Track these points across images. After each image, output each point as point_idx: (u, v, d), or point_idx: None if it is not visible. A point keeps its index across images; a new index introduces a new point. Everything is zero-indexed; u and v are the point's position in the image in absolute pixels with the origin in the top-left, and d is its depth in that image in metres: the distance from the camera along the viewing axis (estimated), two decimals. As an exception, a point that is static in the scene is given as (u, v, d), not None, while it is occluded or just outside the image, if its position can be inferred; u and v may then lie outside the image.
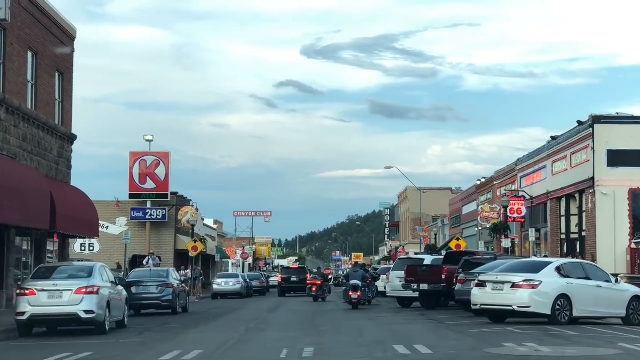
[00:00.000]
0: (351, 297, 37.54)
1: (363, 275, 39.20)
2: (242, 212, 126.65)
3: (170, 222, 64.43)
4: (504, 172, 57.46)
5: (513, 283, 24.03)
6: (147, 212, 63.45)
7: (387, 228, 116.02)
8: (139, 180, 63.79)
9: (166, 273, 34.75)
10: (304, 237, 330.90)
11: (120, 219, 64.61)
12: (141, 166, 63.87)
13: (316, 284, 49.00)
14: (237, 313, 35.63)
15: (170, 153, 64.78)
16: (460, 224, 72.16)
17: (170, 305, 33.61)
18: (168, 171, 64.03)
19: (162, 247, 64.44)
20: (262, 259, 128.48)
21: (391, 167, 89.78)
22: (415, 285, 34.99)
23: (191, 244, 57.38)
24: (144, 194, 63.71)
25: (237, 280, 58.36)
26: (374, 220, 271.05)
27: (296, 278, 60.02)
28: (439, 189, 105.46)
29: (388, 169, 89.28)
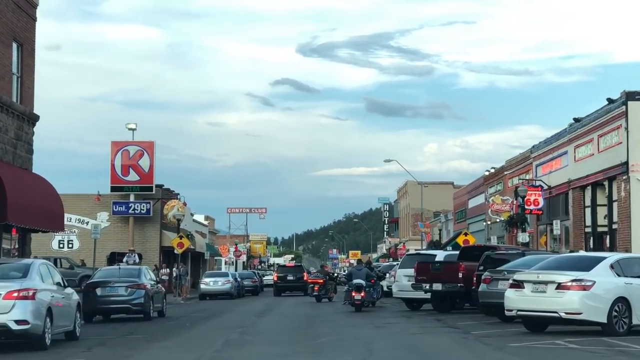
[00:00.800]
0: (354, 298, 32.65)
1: (367, 273, 34.26)
2: (236, 208, 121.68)
3: (155, 217, 59.29)
4: (516, 160, 52.38)
5: (559, 283, 18.97)
6: (130, 206, 58.29)
7: (386, 224, 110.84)
8: (121, 172, 58.63)
9: (137, 272, 29.61)
10: (301, 235, 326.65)
11: (102, 214, 59.43)
12: (123, 157, 58.71)
13: (318, 283, 44.23)
14: (221, 318, 30.56)
15: (154, 142, 59.65)
16: (466, 218, 67.13)
17: (142, 310, 28.54)
18: (153, 162, 58.87)
19: (146, 243, 59.28)
20: (257, 257, 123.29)
21: (390, 160, 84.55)
22: (427, 285, 29.94)
23: (176, 240, 52.26)
24: (127, 187, 58.53)
25: (226, 279, 53.26)
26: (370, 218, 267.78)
27: (292, 277, 57.07)
28: (440, 184, 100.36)
29: (387, 162, 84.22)
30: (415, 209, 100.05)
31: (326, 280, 45.31)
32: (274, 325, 25.77)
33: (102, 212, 59.39)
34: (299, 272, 59.03)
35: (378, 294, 35.75)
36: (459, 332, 20.74)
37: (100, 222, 58.89)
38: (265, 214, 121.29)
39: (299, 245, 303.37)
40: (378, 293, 35.76)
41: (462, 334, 20.34)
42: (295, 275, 57.63)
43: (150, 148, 59.14)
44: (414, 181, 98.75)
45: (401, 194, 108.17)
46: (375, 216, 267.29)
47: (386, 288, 40.27)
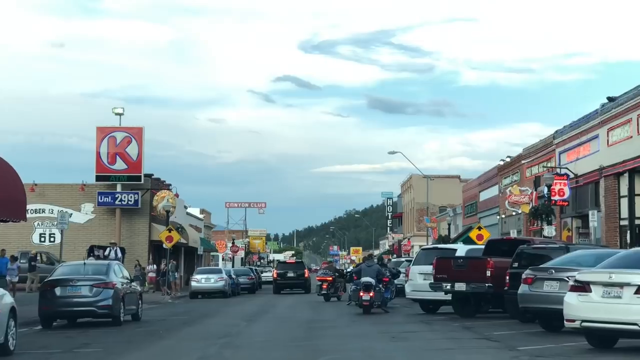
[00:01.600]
0: (361, 298, 28.01)
1: (378, 271, 29.50)
2: (235, 203, 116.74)
3: (144, 209, 54.48)
4: (535, 148, 47.49)
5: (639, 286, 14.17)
6: (116, 196, 53.48)
7: (390, 220, 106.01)
8: (108, 160, 53.82)
9: (106, 268, 24.68)
10: (301, 231, 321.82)
11: (86, 205, 54.63)
12: (110, 144, 53.90)
13: (327, 281, 39.96)
14: (205, 322, 25.74)
15: (143, 128, 54.71)
16: (477, 212, 62.28)
17: (110, 313, 23.70)
18: (141, 149, 54.03)
19: (134, 237, 54.51)
20: (256, 253, 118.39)
21: (395, 152, 79.51)
22: (448, 284, 25.10)
23: (165, 233, 47.41)
24: (113, 176, 53.71)
25: (219, 276, 48.39)
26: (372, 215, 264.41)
27: (293, 273, 54.15)
28: (447, 177, 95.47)
29: (392, 154, 79.05)
30: (420, 203, 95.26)
31: (335, 277, 40.70)
32: (265, 333, 20.93)
33: (86, 203, 54.61)
34: (299, 268, 55.56)
35: (392, 294, 31.08)
36: (502, 348, 15.87)
37: (84, 214, 54.21)
38: (265, 208, 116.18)
39: (299, 241, 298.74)
40: (392, 293, 31.09)
41: (507, 350, 15.49)
42: (295, 272, 54.36)
43: (139, 134, 54.30)
44: (419, 175, 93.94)
45: (405, 189, 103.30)
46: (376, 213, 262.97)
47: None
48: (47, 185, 55.25)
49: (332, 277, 40.95)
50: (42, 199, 54.28)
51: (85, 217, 54.39)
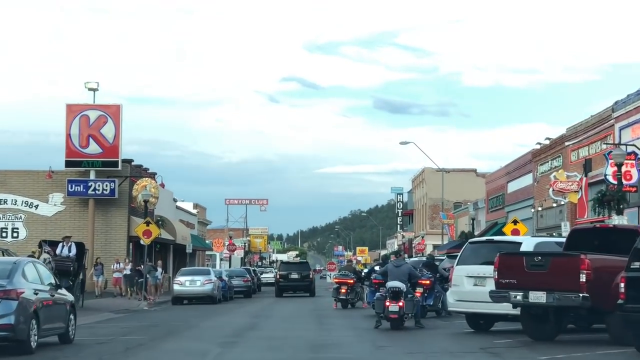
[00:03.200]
0: (388, 309, 20.07)
1: (410, 272, 21.39)
2: (235, 199, 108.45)
3: (122, 199, 46.16)
4: (586, 124, 39.02)
5: None
6: (89, 185, 45.15)
7: (400, 217, 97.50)
8: (79, 142, 45.48)
9: (9, 270, 16.22)
10: (306, 232, 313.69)
11: (54, 195, 46.26)
12: (82, 124, 45.56)
13: (347, 284, 32.40)
14: (160, 347, 17.40)
15: (121, 106, 46.30)
16: (504, 205, 53.82)
17: (13, 336, 15.32)
18: (119, 131, 45.69)
19: (111, 232, 46.18)
20: (257, 252, 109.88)
21: (407, 142, 71.15)
22: (518, 293, 16.68)
23: (142, 227, 39.06)
24: (86, 162, 45.37)
25: (206, 278, 39.95)
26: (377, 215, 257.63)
27: (297, 275, 48.50)
28: (462, 171, 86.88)
29: (404, 144, 70.67)
30: (434, 199, 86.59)
31: (356, 280, 32.72)
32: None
33: (55, 192, 46.27)
34: (304, 269, 49.64)
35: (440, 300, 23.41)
36: None
37: (53, 205, 45.87)
38: (267, 205, 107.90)
39: (303, 242, 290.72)
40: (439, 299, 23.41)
41: None
42: (300, 273, 48.48)
43: (116, 113, 45.96)
44: (432, 168, 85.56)
45: (416, 184, 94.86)
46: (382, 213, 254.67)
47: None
48: (8, 172, 47.02)
49: (352, 279, 32.90)
50: (3, 187, 46.05)
51: (54, 209, 46.07)
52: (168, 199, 57.13)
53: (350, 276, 33.41)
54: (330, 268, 72.74)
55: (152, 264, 38.75)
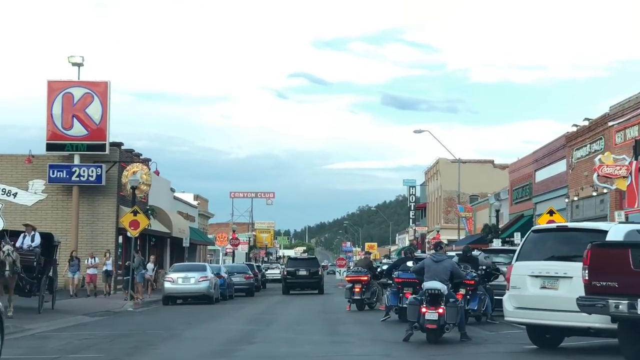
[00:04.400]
0: (425, 317, 15.52)
1: (453, 270, 16.33)
2: (240, 193, 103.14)
3: (109, 187, 41.12)
4: (635, 100, 33.68)
5: None
6: (73, 171, 40.11)
7: (412, 210, 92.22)
8: (62, 123, 40.44)
9: None
10: (313, 227, 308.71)
11: (35, 182, 41.21)
12: (65, 103, 40.51)
13: (361, 282, 27.55)
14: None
15: (109, 83, 41.13)
16: (532, 195, 48.50)
17: None
18: (107, 111, 40.62)
19: (98, 223, 41.14)
20: (263, 247, 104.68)
21: (422, 130, 66.04)
22: (621, 301, 11.46)
23: (128, 217, 34.01)
24: (69, 145, 40.34)
25: (202, 274, 34.81)
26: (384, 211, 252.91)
27: (305, 271, 45.64)
28: (478, 162, 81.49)
29: (418, 132, 65.64)
30: (449, 191, 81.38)
31: (371, 277, 27.69)
32: None
33: (35, 179, 41.19)
34: (313, 265, 46.75)
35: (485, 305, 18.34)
36: None
37: (33, 192, 40.81)
38: (273, 199, 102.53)
39: (311, 238, 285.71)
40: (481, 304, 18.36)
41: None
42: (308, 270, 45.64)
43: (104, 91, 40.86)
44: (447, 159, 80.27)
45: (430, 176, 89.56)
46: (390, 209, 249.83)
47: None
48: (-19, 156, 42.08)
49: (367, 276, 27.80)
50: (-22, 173, 41.12)
51: (34, 198, 41.02)
52: (164, 188, 52.07)
53: (363, 272, 28.30)
54: (340, 264, 67.42)
55: (142, 259, 33.58)
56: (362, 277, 28.07)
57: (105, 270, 34.78)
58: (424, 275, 16.83)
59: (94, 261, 34.79)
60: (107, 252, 36.24)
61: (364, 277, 28.05)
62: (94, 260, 34.89)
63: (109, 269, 34.82)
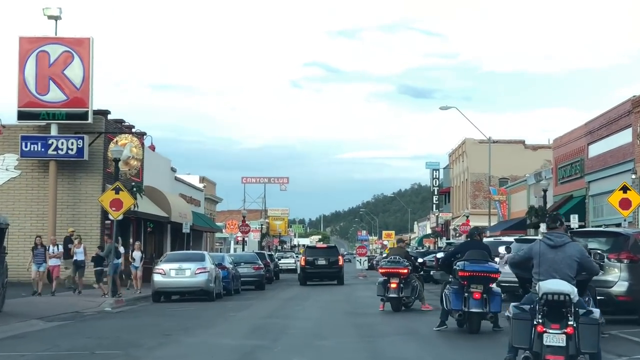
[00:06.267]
0: (545, 340, 8.77)
1: (581, 259, 9.51)
2: (252, 178, 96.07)
3: (93, 163, 34.48)
4: None
5: None
6: (50, 143, 33.46)
7: (436, 195, 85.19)
8: (36, 87, 33.76)
9: None
10: (328, 216, 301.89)
11: (6, 157, 34.60)
12: (40, 63, 33.82)
13: (399, 275, 21.12)
14: None
15: (92, 40, 34.35)
16: (584, 173, 41.57)
17: None
18: (89, 72, 33.89)
19: (79, 204, 34.54)
20: (277, 235, 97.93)
21: (448, 107, 59.14)
22: None
23: (109, 195, 27.22)
24: (45, 112, 33.66)
25: (199, 265, 27.99)
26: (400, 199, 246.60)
27: (324, 261, 42.24)
28: (508, 142, 74.21)
29: (444, 109, 58.82)
30: (476, 174, 74.44)
31: (410, 269, 21.08)
32: None
33: (7, 153, 34.59)
34: (332, 254, 43.11)
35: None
36: None
37: (4, 169, 34.21)
38: (287, 184, 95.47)
39: (326, 226, 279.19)
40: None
41: None
42: (327, 259, 42.18)
43: (85, 49, 34.10)
44: (474, 140, 73.24)
45: (455, 158, 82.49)
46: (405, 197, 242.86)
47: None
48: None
49: (407, 268, 21.15)
50: (-62, 146, 34.58)
51: (6, 175, 34.41)
52: (163, 167, 45.38)
53: (403, 264, 21.59)
54: (360, 252, 60.74)
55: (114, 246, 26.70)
56: (400, 270, 21.38)
57: (75, 260, 27.78)
58: (528, 270, 10.05)
59: (56, 250, 27.78)
60: (77, 237, 29.22)
61: (403, 270, 21.37)
62: (57, 248, 27.84)
63: (79, 259, 27.83)
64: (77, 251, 27.64)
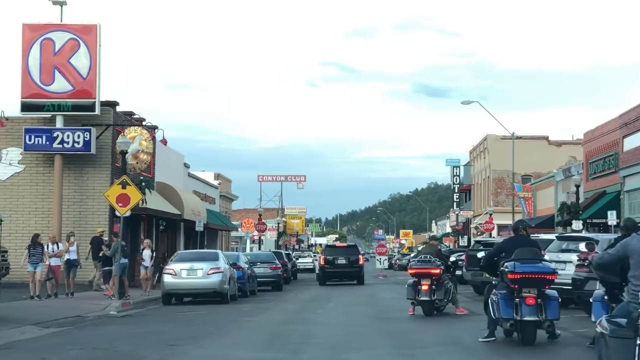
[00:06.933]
0: None
1: None
2: (269, 176, 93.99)
3: (101, 157, 32.46)
4: None
5: None
6: (55, 136, 31.43)
7: (456, 193, 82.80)
8: (41, 77, 31.71)
9: None
10: (345, 215, 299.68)
11: (10, 151, 32.59)
12: (45, 51, 31.78)
13: (432, 275, 19.12)
14: None
15: (99, 26, 32.25)
16: (619, 168, 39.14)
17: None
18: (96, 61, 31.82)
19: (87, 201, 32.52)
20: (294, 234, 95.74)
21: (470, 101, 56.88)
22: None
23: (115, 190, 25.20)
24: (50, 104, 31.62)
25: (212, 265, 25.85)
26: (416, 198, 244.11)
27: (345, 260, 40.86)
28: (531, 138, 71.73)
29: (466, 103, 56.59)
30: (499, 171, 72.06)
31: (443, 270, 19.17)
32: None
33: (10, 147, 32.59)
34: (352, 253, 41.60)
35: None
36: None
37: (7, 163, 32.22)
38: (304, 182, 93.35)
39: (343, 225, 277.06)
40: None
41: None
42: (348, 258, 40.77)
43: (92, 36, 32.03)
44: (496, 136, 70.90)
45: (475, 155, 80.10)
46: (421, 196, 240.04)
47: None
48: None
49: (440, 269, 19.02)
50: (-62, 140, 32.61)
51: (9, 170, 32.39)
52: (176, 163, 43.33)
53: (435, 264, 19.41)
54: (380, 251, 58.59)
55: (121, 245, 24.58)
56: (432, 270, 19.22)
57: (68, 260, 25.47)
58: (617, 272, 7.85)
59: (55, 248, 25.49)
60: (69, 235, 26.95)
61: (435, 270, 19.22)
62: (55, 247, 25.53)
63: (71, 258, 25.53)
64: (70, 249, 25.26)
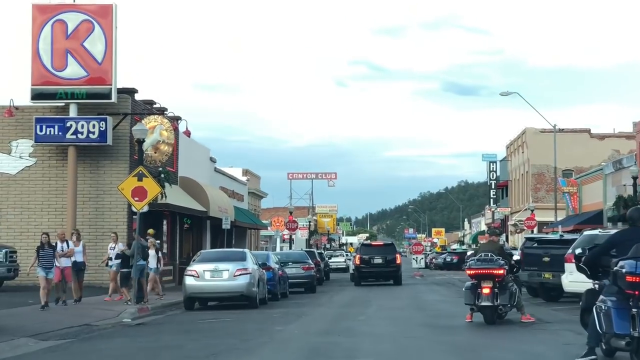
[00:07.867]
0: None
1: None
2: (299, 173, 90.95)
3: (119, 148, 29.64)
4: None
5: None
6: (68, 126, 28.63)
7: (493, 189, 79.25)
8: (52, 62, 28.93)
9: None
10: (375, 214, 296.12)
11: (20, 143, 29.85)
12: (56, 33, 28.99)
13: (495, 276, 16.05)
14: None
15: (114, 6, 29.37)
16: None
17: None
18: (112, 44, 28.97)
19: (103, 196, 29.69)
20: (325, 233, 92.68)
21: (509, 92, 53.75)
22: None
23: (131, 182, 22.38)
24: (63, 91, 28.81)
25: (239, 266, 22.87)
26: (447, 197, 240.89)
27: (381, 259, 38.89)
28: (572, 131, 68.08)
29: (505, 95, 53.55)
30: (538, 166, 68.47)
31: (507, 270, 16.26)
32: None
33: (20, 139, 29.86)
34: (389, 252, 39.48)
35: None
36: None
37: (18, 156, 29.53)
38: (335, 180, 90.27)
39: (373, 225, 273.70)
40: None
41: None
42: (384, 258, 38.66)
43: (107, 17, 29.17)
44: (535, 129, 67.39)
45: (513, 149, 76.47)
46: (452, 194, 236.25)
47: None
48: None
49: (503, 269, 16.00)
50: (-57, 131, 29.97)
51: (20, 164, 29.67)
52: (202, 156, 40.48)
53: (497, 263, 16.33)
54: (416, 250, 55.46)
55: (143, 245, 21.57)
56: (495, 270, 16.15)
57: (74, 262, 22.29)
58: None
59: (66, 247, 22.23)
60: (74, 232, 23.85)
61: (498, 271, 16.16)
62: (66, 245, 22.31)
63: (78, 260, 22.38)
64: (75, 250, 22.18)
